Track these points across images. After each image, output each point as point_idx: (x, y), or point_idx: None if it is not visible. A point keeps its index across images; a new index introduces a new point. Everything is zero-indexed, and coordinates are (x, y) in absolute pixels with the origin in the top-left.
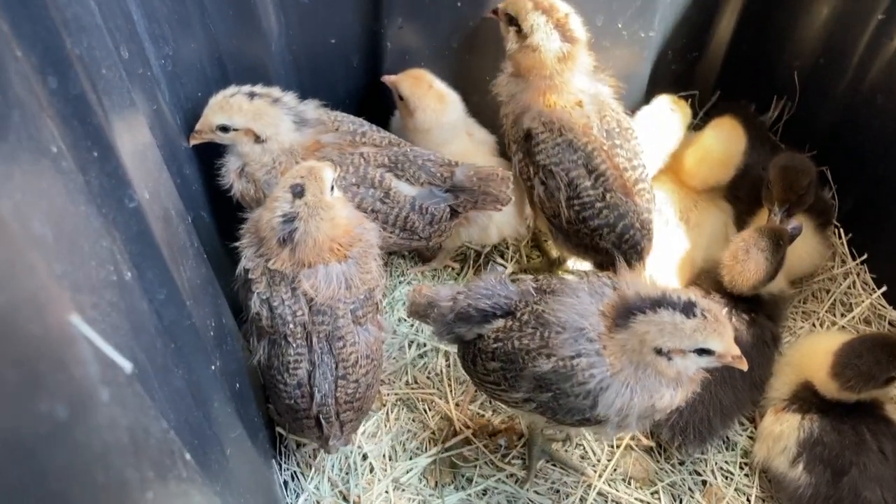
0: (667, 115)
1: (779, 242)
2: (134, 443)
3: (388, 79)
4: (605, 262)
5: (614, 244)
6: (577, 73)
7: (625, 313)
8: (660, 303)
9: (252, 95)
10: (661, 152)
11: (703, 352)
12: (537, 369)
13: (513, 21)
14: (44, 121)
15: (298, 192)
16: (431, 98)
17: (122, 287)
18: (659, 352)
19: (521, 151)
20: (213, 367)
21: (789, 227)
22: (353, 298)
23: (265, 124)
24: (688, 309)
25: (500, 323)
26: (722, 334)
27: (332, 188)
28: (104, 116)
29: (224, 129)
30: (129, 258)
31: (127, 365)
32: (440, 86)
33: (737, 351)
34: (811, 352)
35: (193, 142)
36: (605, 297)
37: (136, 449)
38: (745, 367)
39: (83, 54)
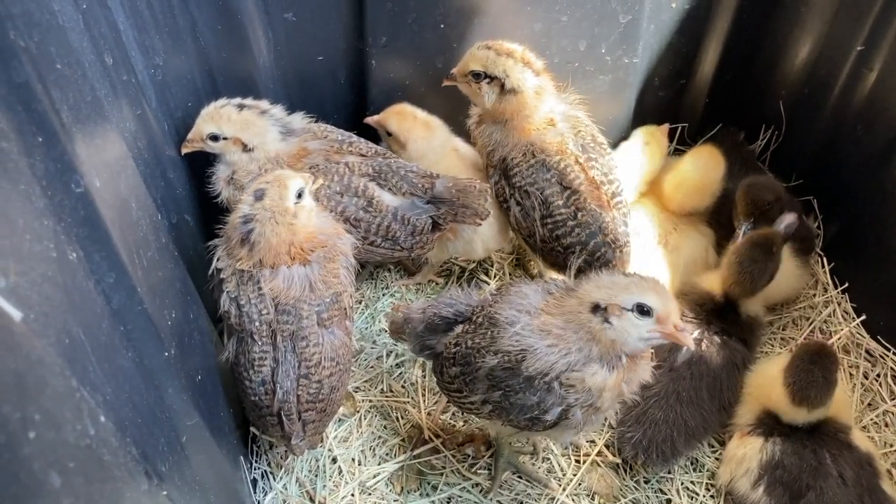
0: (641, 147)
1: (771, 247)
2: (20, 386)
3: (371, 120)
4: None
5: (586, 262)
6: (547, 98)
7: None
8: (605, 272)
9: (241, 107)
10: (637, 181)
11: (642, 312)
12: (486, 364)
13: (482, 76)
14: None
15: (259, 195)
16: (419, 128)
17: (63, 265)
18: (595, 309)
19: (498, 174)
20: (166, 355)
21: (783, 224)
22: (317, 300)
23: (252, 134)
24: (628, 273)
25: (459, 329)
26: (660, 294)
27: (301, 195)
28: (51, 106)
29: (214, 137)
30: (76, 240)
31: (16, 313)
32: (423, 114)
33: (679, 321)
34: (767, 382)
35: (185, 150)
36: (554, 293)
37: (20, 391)
38: (690, 344)
39: (30, 47)
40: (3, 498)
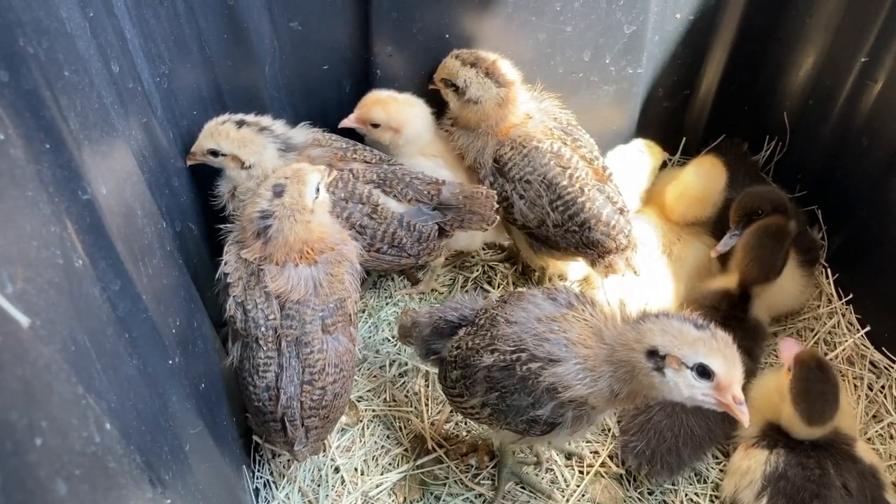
0: (637, 155)
1: (782, 231)
2: (27, 392)
3: (350, 121)
4: (598, 256)
5: (604, 233)
6: (519, 106)
7: (640, 318)
8: (676, 316)
9: (241, 123)
10: (633, 189)
11: (702, 373)
12: (483, 363)
13: (449, 83)
14: None
15: (279, 191)
16: (407, 107)
17: (69, 271)
18: (652, 355)
19: (493, 175)
20: (170, 363)
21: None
22: (322, 305)
23: (250, 152)
24: (700, 324)
25: (462, 332)
26: (728, 358)
27: (318, 190)
28: (59, 113)
29: (214, 153)
30: (82, 247)
31: (24, 320)
32: (400, 94)
33: (740, 393)
34: (771, 394)
35: (190, 162)
36: (558, 300)
37: (27, 398)
38: (745, 419)
39: (39, 54)
40: None
